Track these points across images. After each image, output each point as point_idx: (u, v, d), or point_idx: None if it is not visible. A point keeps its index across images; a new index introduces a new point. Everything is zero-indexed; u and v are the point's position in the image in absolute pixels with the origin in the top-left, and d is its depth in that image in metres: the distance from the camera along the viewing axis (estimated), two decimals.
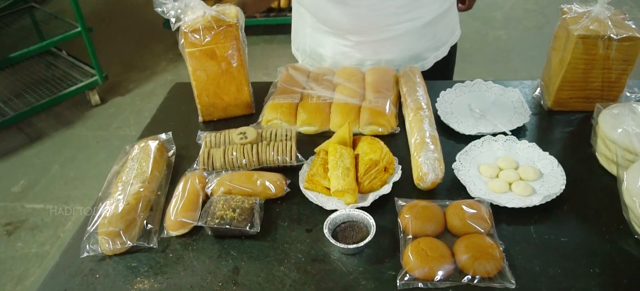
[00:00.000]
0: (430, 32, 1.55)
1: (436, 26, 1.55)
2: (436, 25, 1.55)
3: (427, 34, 1.55)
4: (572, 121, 1.32)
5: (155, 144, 1.22)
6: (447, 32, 1.62)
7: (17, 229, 2.89)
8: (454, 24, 1.66)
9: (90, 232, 1.05)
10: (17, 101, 3.69)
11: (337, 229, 1.02)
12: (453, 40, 1.66)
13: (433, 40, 1.57)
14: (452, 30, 1.65)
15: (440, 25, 1.57)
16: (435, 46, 1.59)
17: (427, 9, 1.50)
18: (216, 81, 1.32)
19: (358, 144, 1.19)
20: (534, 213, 1.04)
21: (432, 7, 1.51)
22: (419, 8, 1.48)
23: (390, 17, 1.47)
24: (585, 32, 1.20)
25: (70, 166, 3.31)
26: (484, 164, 1.16)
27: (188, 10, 1.25)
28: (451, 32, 1.64)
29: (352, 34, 1.51)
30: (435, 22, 1.54)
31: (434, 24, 1.54)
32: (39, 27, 4.18)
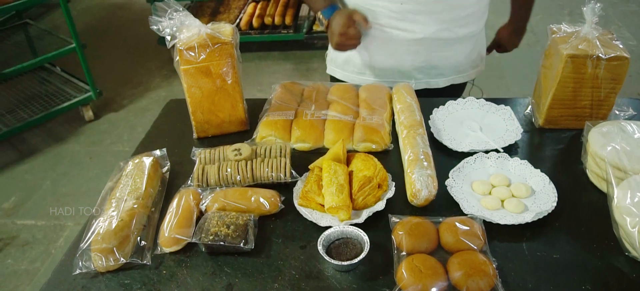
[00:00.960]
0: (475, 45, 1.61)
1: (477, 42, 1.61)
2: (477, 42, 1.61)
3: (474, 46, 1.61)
4: (562, 139, 1.33)
5: (150, 161, 1.22)
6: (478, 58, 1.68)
7: (7, 245, 2.87)
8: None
9: (83, 249, 1.05)
10: (10, 116, 3.67)
11: (331, 245, 1.03)
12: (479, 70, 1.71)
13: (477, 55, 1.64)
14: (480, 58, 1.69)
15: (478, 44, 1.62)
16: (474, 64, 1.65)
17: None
18: (211, 98, 1.33)
19: (352, 160, 1.20)
20: (526, 230, 1.05)
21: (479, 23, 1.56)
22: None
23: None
24: (574, 52, 1.22)
25: (63, 182, 3.30)
26: (477, 181, 1.18)
27: (183, 28, 1.26)
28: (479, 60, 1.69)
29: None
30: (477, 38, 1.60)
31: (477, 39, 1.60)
32: (33, 43, 4.18)
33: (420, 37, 1.51)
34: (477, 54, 1.67)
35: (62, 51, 3.64)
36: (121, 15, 5.73)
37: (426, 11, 1.46)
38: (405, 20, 1.48)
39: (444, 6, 1.46)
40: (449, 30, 1.51)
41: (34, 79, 4.16)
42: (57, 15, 5.59)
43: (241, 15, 4.59)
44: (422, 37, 1.50)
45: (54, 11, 5.69)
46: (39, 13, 5.67)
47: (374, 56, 1.59)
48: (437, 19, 1.48)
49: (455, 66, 1.61)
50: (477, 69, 1.69)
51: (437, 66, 1.58)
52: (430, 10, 1.46)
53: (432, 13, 1.47)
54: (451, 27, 1.51)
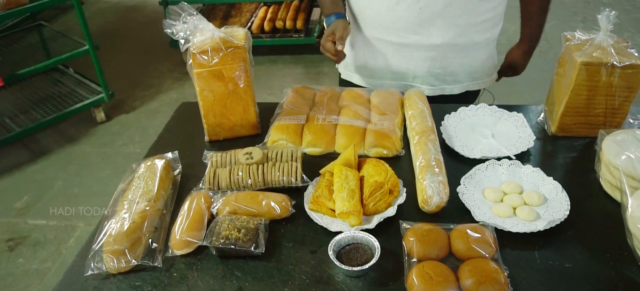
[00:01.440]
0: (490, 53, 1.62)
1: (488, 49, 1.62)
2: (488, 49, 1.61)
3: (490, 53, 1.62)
4: (575, 147, 1.32)
5: (162, 163, 1.23)
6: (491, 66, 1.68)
7: (18, 245, 2.89)
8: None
9: (95, 250, 1.05)
10: (23, 117, 3.71)
11: (342, 251, 1.03)
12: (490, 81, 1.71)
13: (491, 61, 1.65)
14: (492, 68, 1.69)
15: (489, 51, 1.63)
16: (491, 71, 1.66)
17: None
18: (223, 102, 1.34)
19: (363, 166, 1.20)
20: (538, 238, 1.04)
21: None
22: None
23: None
24: (588, 59, 1.21)
25: (74, 183, 3.32)
26: (489, 188, 1.17)
27: (197, 32, 1.27)
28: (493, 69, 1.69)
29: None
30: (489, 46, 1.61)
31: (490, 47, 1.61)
32: (46, 44, 4.22)
33: (437, 43, 1.51)
34: (491, 62, 1.67)
35: (75, 53, 3.67)
36: (134, 18, 5.78)
37: (444, 16, 1.46)
38: (423, 25, 1.48)
39: (461, 11, 1.46)
40: (466, 35, 1.51)
41: (47, 80, 4.21)
42: (70, 17, 5.66)
43: (253, 19, 4.62)
44: (439, 42, 1.51)
45: (68, 13, 5.75)
46: (53, 15, 5.74)
47: (390, 61, 1.59)
48: (454, 23, 1.48)
49: (470, 72, 1.61)
50: (491, 77, 1.69)
51: (453, 72, 1.58)
52: (448, 15, 1.46)
53: (449, 17, 1.47)
54: (467, 33, 1.51)
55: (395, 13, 1.49)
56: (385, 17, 1.51)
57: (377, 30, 1.57)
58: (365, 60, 1.65)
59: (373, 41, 1.60)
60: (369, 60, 1.64)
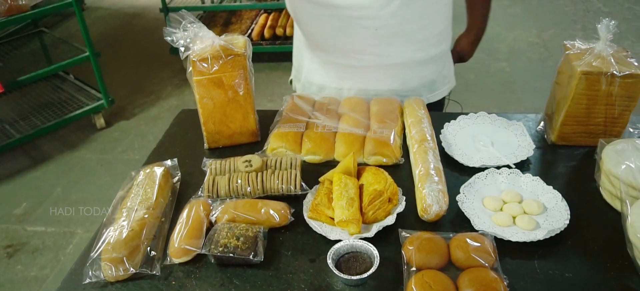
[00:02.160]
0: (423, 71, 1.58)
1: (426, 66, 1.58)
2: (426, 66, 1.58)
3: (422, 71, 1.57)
4: (575, 156, 1.32)
5: (161, 171, 1.23)
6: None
7: (17, 251, 2.89)
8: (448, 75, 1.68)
9: (94, 258, 1.05)
10: (23, 123, 3.72)
11: (341, 259, 1.02)
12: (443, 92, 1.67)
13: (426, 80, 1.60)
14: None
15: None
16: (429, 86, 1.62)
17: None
18: (223, 109, 1.34)
19: (362, 174, 1.20)
20: (538, 248, 1.04)
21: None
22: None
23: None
24: (588, 69, 1.21)
25: (74, 189, 3.32)
26: (488, 197, 1.17)
27: (197, 40, 1.27)
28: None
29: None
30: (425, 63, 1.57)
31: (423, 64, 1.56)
32: (47, 51, 4.24)
33: (397, 62, 1.50)
34: (448, 71, 1.66)
35: (76, 59, 3.68)
36: (134, 25, 5.80)
37: (401, 34, 1.45)
38: (380, 46, 1.47)
39: (417, 27, 1.46)
40: (423, 50, 1.51)
41: (48, 86, 4.22)
42: (71, 24, 5.67)
43: (253, 26, 4.63)
44: (398, 61, 1.50)
45: (69, 20, 5.77)
46: (54, 21, 5.76)
47: (348, 83, 1.57)
48: (411, 40, 1.47)
49: (429, 85, 1.59)
50: (449, 84, 1.68)
51: (413, 88, 1.56)
52: (405, 33, 1.45)
53: (406, 35, 1.46)
54: (424, 47, 1.51)
55: (349, 36, 1.46)
56: (338, 41, 1.48)
57: (331, 54, 1.54)
58: (322, 82, 1.62)
59: (328, 65, 1.57)
60: (326, 82, 1.60)
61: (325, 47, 1.53)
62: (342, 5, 1.39)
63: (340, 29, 1.45)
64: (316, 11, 1.44)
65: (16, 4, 3.14)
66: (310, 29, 1.54)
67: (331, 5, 1.40)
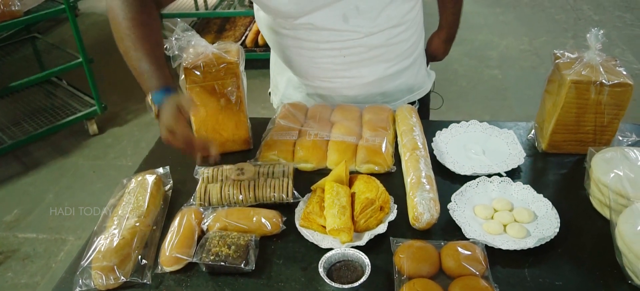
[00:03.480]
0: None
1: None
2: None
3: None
4: (565, 164, 1.33)
5: (153, 179, 1.23)
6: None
7: (7, 259, 2.86)
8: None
9: (84, 266, 1.04)
10: (15, 129, 3.69)
11: (332, 268, 1.02)
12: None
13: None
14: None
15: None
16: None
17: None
18: (215, 117, 1.34)
19: (354, 182, 1.20)
20: (528, 256, 1.05)
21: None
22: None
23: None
24: (577, 77, 1.23)
25: (66, 195, 3.30)
26: (479, 205, 1.17)
27: (190, 48, 1.27)
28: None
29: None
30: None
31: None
32: (40, 56, 4.22)
33: (369, 81, 1.51)
34: (424, 71, 1.67)
35: (69, 65, 3.67)
36: None
37: (369, 57, 1.45)
38: (350, 69, 1.48)
39: (385, 48, 1.45)
40: (395, 65, 1.51)
41: (41, 92, 4.20)
42: (64, 29, 5.65)
43: (247, 33, 4.63)
44: (371, 80, 1.51)
45: (62, 25, 5.75)
46: (47, 27, 5.74)
47: (324, 100, 1.58)
48: (381, 60, 1.48)
49: (407, 89, 1.60)
50: (429, 80, 1.69)
51: (390, 93, 1.57)
52: (373, 56, 1.45)
53: (375, 57, 1.46)
54: (398, 62, 1.51)
55: (317, 64, 1.47)
56: (308, 69, 1.49)
57: (303, 78, 1.55)
58: (299, 98, 1.61)
59: (302, 86, 1.59)
60: (302, 100, 1.60)
61: (298, 72, 1.54)
62: (308, 37, 1.41)
63: (309, 58, 1.47)
64: (284, 41, 1.46)
65: (9, 10, 3.13)
66: (281, 55, 1.55)
67: (298, 37, 1.42)
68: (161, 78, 1.16)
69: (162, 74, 1.17)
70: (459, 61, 4.55)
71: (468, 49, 4.81)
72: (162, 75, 1.17)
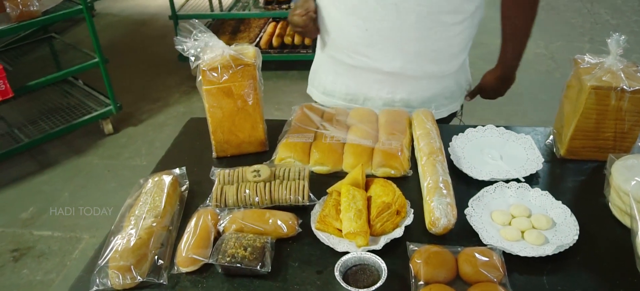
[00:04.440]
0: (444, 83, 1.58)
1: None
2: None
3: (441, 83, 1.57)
4: (584, 170, 1.32)
5: (170, 179, 1.23)
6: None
7: (23, 256, 2.89)
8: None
9: (101, 266, 1.05)
10: (32, 127, 3.74)
11: (348, 272, 1.02)
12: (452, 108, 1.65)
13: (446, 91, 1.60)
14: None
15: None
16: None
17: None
18: (231, 118, 1.34)
19: (371, 186, 1.20)
20: (546, 263, 1.03)
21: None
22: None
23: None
24: (598, 83, 1.21)
25: (80, 194, 3.33)
26: (497, 211, 1.16)
27: (207, 49, 1.28)
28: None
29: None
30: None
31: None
32: (57, 56, 4.26)
33: (385, 70, 1.49)
34: (450, 93, 1.60)
35: (86, 65, 3.70)
36: (143, 32, 5.83)
37: (391, 40, 1.44)
38: (370, 47, 1.47)
39: (409, 38, 1.43)
40: (416, 64, 1.48)
41: (57, 91, 4.24)
42: (81, 29, 5.71)
43: (261, 34, 4.65)
44: (387, 70, 1.49)
45: (79, 25, 5.81)
46: (64, 27, 5.80)
47: (341, 79, 1.60)
48: (402, 50, 1.45)
49: (422, 101, 1.56)
50: (448, 107, 1.62)
51: (403, 99, 1.56)
52: (395, 40, 1.44)
53: (397, 43, 1.44)
54: (418, 62, 1.48)
55: (343, 31, 1.50)
56: (335, 35, 1.52)
57: (330, 47, 1.58)
58: (319, 75, 1.68)
59: (327, 58, 1.62)
60: (322, 75, 1.66)
61: (324, 38, 1.58)
62: (338, 5, 1.46)
63: (335, 22, 1.50)
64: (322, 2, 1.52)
65: (27, 10, 3.16)
66: (318, 15, 1.57)
67: (329, 4, 1.49)
68: None
69: None
70: (473, 64, 4.49)
71: (483, 53, 4.75)
72: None
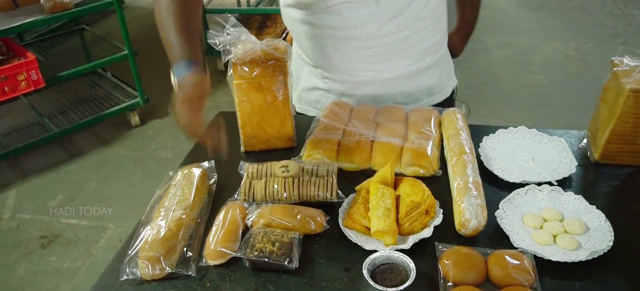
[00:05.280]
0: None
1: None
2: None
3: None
4: (619, 175, 1.28)
5: (199, 172, 1.24)
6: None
7: (51, 243, 2.96)
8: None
9: (131, 256, 1.06)
10: (61, 117, 3.82)
11: (376, 270, 1.01)
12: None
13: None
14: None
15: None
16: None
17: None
18: (261, 113, 1.35)
19: (399, 185, 1.19)
20: (579, 269, 1.01)
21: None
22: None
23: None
24: (637, 86, 1.18)
25: (107, 184, 3.39)
26: (528, 214, 1.14)
27: (239, 44, 1.28)
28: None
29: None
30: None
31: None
32: (87, 48, 4.34)
33: (391, 77, 1.50)
34: (446, 72, 1.65)
35: (115, 57, 3.77)
36: None
37: (395, 50, 1.45)
38: (374, 63, 1.47)
39: (411, 42, 1.45)
40: (419, 61, 1.50)
41: (86, 82, 4.33)
42: (110, 21, 5.81)
43: (287, 30, 4.65)
44: (393, 76, 1.50)
45: (108, 18, 5.91)
46: (94, 19, 5.90)
47: (344, 97, 1.56)
48: (406, 55, 1.47)
49: (428, 90, 1.59)
50: (450, 85, 1.68)
51: (411, 94, 1.56)
52: (399, 49, 1.45)
53: (401, 51, 1.46)
54: (421, 59, 1.50)
55: (344, 55, 1.46)
56: (333, 59, 1.49)
57: (327, 71, 1.53)
58: (317, 96, 1.61)
59: (324, 80, 1.57)
60: (322, 97, 1.59)
61: (322, 64, 1.54)
62: (335, 25, 1.41)
63: (334, 49, 1.47)
64: (310, 31, 1.47)
65: (60, 2, 3.23)
66: (305, 45, 1.54)
67: (325, 25, 1.42)
68: (186, 50, 1.13)
69: (189, 47, 1.14)
70: (501, 64, 4.46)
71: (512, 53, 4.71)
72: (189, 47, 1.14)
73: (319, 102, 1.60)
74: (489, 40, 4.88)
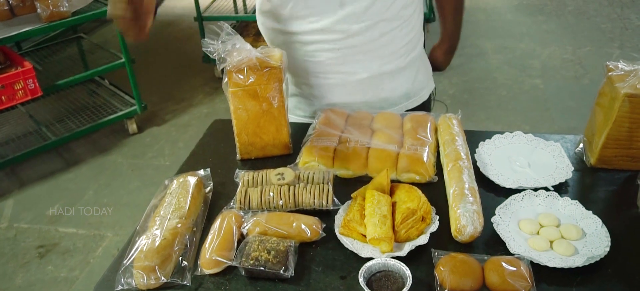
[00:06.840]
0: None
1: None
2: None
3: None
4: (616, 180, 1.28)
5: (194, 180, 1.24)
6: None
7: (48, 252, 2.95)
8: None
9: (126, 265, 1.06)
10: (59, 126, 3.82)
11: (372, 278, 1.01)
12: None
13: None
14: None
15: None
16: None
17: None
18: (256, 121, 1.35)
19: (395, 191, 1.19)
20: (576, 275, 1.01)
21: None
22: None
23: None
24: (632, 91, 1.18)
25: (104, 193, 3.38)
26: (524, 220, 1.14)
27: (234, 51, 1.28)
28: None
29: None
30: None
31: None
32: (84, 56, 4.35)
33: (363, 77, 1.50)
34: (423, 75, 1.65)
35: (113, 65, 3.77)
36: (169, 33, 5.91)
37: (365, 51, 1.45)
38: (345, 64, 1.47)
39: (380, 43, 1.45)
40: (390, 63, 1.50)
41: (84, 90, 4.33)
42: (108, 30, 5.81)
43: None
44: (365, 76, 1.50)
45: (106, 26, 5.92)
46: (92, 27, 5.91)
47: (321, 100, 1.57)
48: (376, 56, 1.47)
49: (404, 93, 1.58)
50: (427, 88, 1.67)
51: (386, 98, 1.56)
52: (368, 50, 1.45)
53: (370, 52, 1.46)
54: (392, 60, 1.50)
55: (314, 58, 1.48)
56: (305, 63, 1.50)
57: (301, 77, 1.55)
58: (296, 103, 1.62)
59: (299, 86, 1.59)
60: (300, 103, 1.61)
61: (295, 71, 1.55)
62: (303, 30, 1.43)
63: (304, 53, 1.48)
64: (279, 37, 1.49)
65: (58, 11, 3.23)
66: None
67: (291, 32, 1.45)
68: None
69: None
70: (499, 69, 4.47)
71: (509, 58, 4.72)
72: None
73: (298, 108, 1.61)
74: (486, 45, 4.89)
